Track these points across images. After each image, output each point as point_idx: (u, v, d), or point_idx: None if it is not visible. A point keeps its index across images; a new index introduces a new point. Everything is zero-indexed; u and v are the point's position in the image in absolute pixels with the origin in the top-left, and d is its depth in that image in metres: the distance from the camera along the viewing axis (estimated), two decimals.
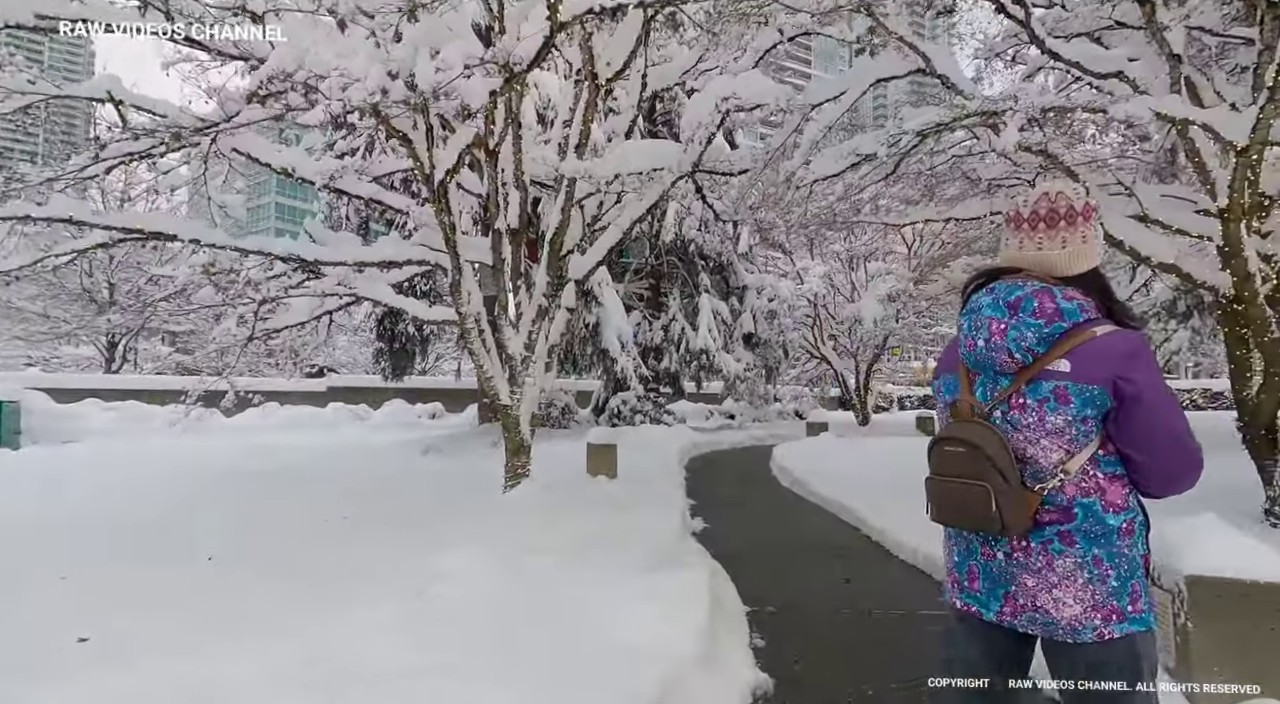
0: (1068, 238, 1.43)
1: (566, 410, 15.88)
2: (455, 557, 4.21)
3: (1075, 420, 1.32)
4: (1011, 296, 1.39)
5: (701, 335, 15.91)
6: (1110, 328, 1.35)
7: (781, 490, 8.57)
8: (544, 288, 6.51)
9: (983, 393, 1.45)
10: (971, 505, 1.39)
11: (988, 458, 1.34)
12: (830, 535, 5.97)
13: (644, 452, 11.05)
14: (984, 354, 1.41)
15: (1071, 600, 1.33)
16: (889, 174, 7.12)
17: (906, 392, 40.00)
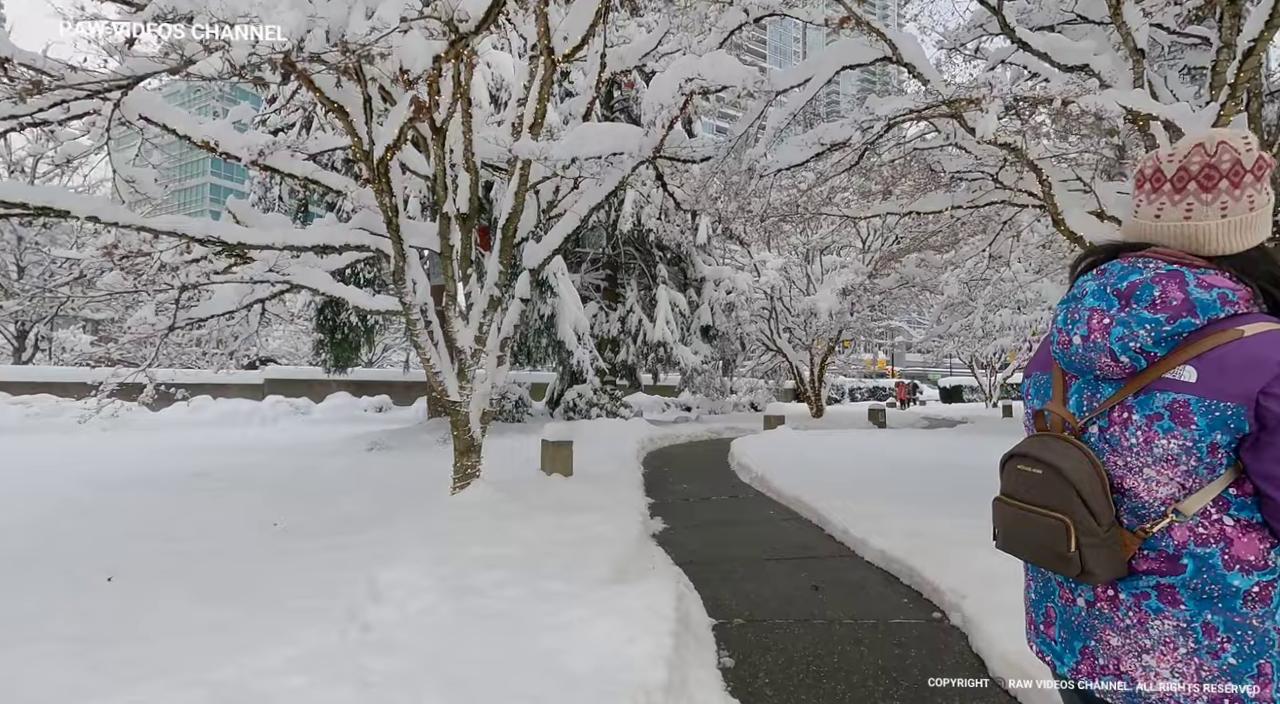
0: (1229, 203, 1.08)
1: (520, 403, 15.43)
2: (396, 572, 3.84)
3: (1196, 446, 1.03)
4: (1125, 282, 1.10)
5: (659, 327, 15.69)
6: (1267, 326, 1.01)
7: (742, 487, 8.42)
8: (496, 277, 6.12)
9: (1078, 402, 1.18)
10: (1046, 541, 1.13)
11: (1071, 484, 1.08)
12: (795, 536, 5.81)
13: (600, 447, 10.77)
14: (1079, 354, 1.14)
15: (1168, 673, 1.05)
16: (853, 165, 6.98)
17: (857, 383, 40.94)
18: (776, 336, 20.19)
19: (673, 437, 14.53)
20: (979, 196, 6.82)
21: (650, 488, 8.24)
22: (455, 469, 6.24)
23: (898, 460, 9.46)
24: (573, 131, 6.38)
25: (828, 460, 9.44)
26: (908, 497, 6.53)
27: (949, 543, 4.64)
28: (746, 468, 9.22)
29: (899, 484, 7.42)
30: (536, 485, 7.09)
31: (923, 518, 5.49)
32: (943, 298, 14.59)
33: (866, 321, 18.76)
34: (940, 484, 7.41)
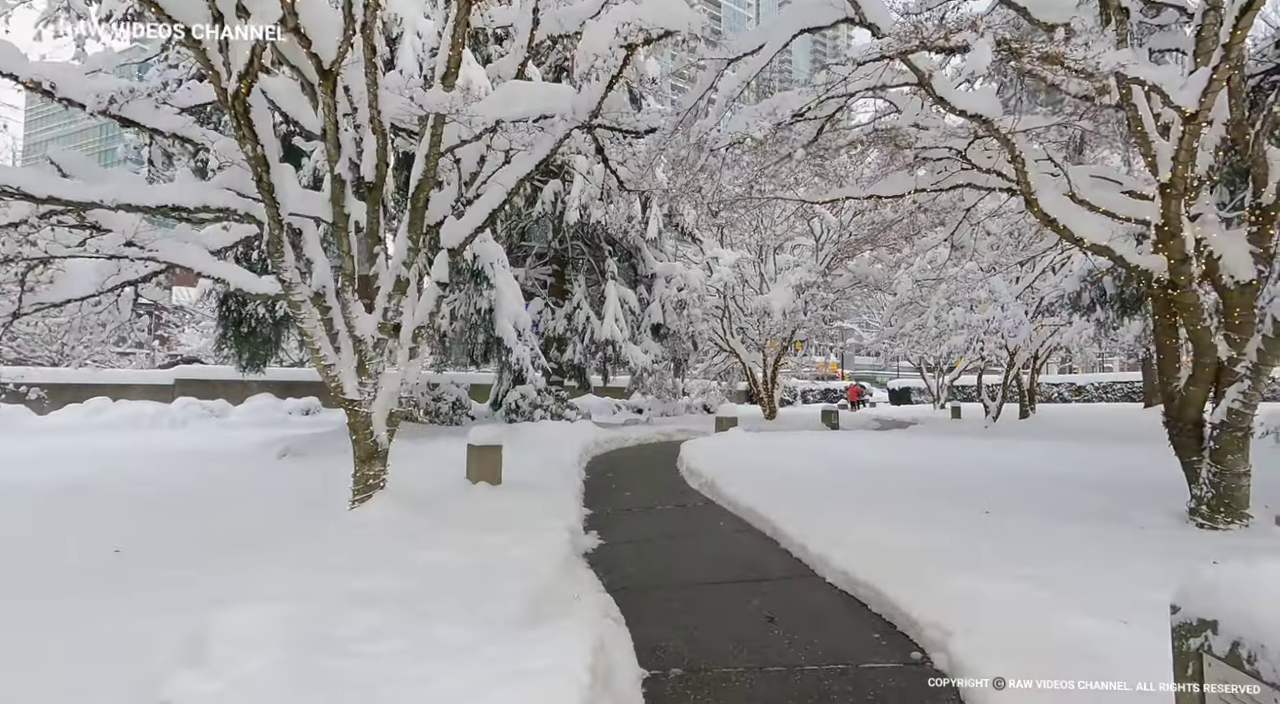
0: None
1: (458, 405, 14.40)
2: (236, 616, 2.95)
3: None
4: None
5: (608, 325, 14.93)
6: None
7: (691, 495, 7.73)
8: (404, 255, 5.24)
9: None
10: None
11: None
12: (747, 552, 5.13)
13: (540, 451, 9.92)
14: None
15: None
16: (812, 140, 6.38)
17: (809, 385, 41.11)
18: (729, 336, 19.69)
19: (621, 440, 13.77)
20: (944, 179, 6.34)
21: (590, 497, 7.45)
22: (355, 480, 5.33)
23: (853, 464, 8.96)
24: (498, 90, 5.56)
25: (781, 464, 8.85)
26: (867, 504, 5.96)
27: (918, 559, 4.04)
28: (696, 473, 8.54)
29: (856, 490, 6.86)
30: (457, 497, 6.22)
31: (885, 529, 4.89)
32: (895, 298, 14.34)
33: (820, 322, 18.49)
34: (899, 489, 6.89)
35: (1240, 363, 4.86)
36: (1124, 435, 12.60)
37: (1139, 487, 6.69)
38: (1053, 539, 4.63)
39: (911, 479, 7.54)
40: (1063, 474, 7.74)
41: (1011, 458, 9.51)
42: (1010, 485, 7.05)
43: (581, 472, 9.31)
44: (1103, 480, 7.19)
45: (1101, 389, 31.29)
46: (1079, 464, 8.69)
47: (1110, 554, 4.23)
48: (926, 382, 29.96)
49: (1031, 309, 11.70)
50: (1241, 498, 4.89)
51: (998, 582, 3.54)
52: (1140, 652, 2.41)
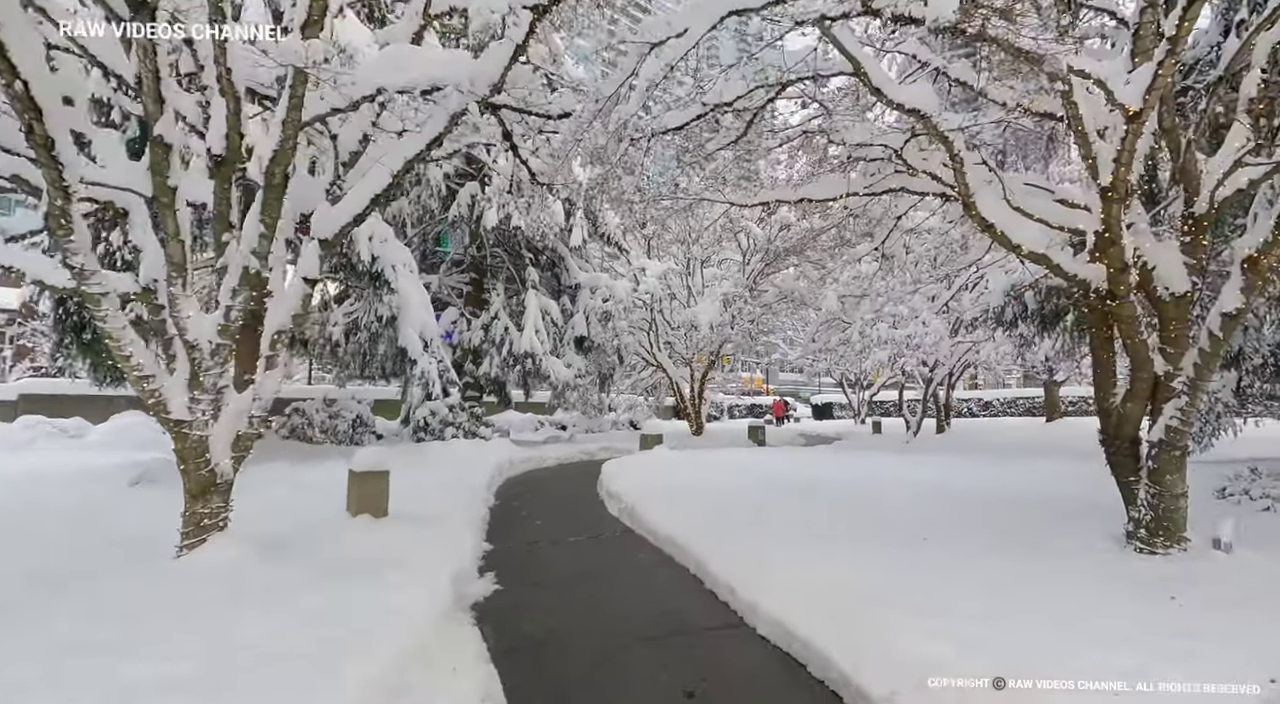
0: None
1: (360, 423, 13.08)
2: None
3: None
4: None
5: (527, 336, 14.04)
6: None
7: (609, 523, 7.00)
8: (254, 242, 4.29)
9: None
10: None
11: None
12: (667, 595, 4.45)
13: (446, 475, 8.93)
14: None
15: None
16: (740, 135, 5.89)
17: (736, 401, 41.31)
18: (656, 350, 19.18)
19: (539, 459, 12.87)
20: (876, 182, 6.00)
21: (495, 529, 6.58)
22: (185, 520, 4.27)
23: (780, 482, 8.49)
24: (382, 53, 4.73)
25: (707, 485, 8.27)
26: (796, 531, 5.41)
27: (859, 604, 3.47)
28: (615, 497, 7.82)
29: (784, 513, 6.33)
30: (327, 534, 5.22)
31: (819, 560, 4.34)
32: (820, 312, 14.28)
33: (747, 336, 18.32)
34: (827, 512, 6.41)
35: (1177, 378, 4.65)
36: (1036, 450, 12.88)
37: (1068, 505, 6.50)
38: (995, 573, 4.20)
39: (840, 500, 7.11)
40: (989, 492, 7.53)
41: (936, 474, 9.34)
42: (939, 505, 6.73)
43: (490, 498, 8.39)
44: (1030, 498, 7.00)
45: (1006, 404, 32.91)
46: (1002, 481, 8.58)
47: (1060, 591, 3.81)
48: (848, 397, 30.57)
49: (952, 326, 11.82)
50: (1180, 520, 4.65)
51: (943, 643, 2.97)
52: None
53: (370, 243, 9.22)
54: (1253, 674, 2.62)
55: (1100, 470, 8.81)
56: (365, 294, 10.47)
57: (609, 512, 7.54)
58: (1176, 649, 2.89)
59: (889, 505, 6.73)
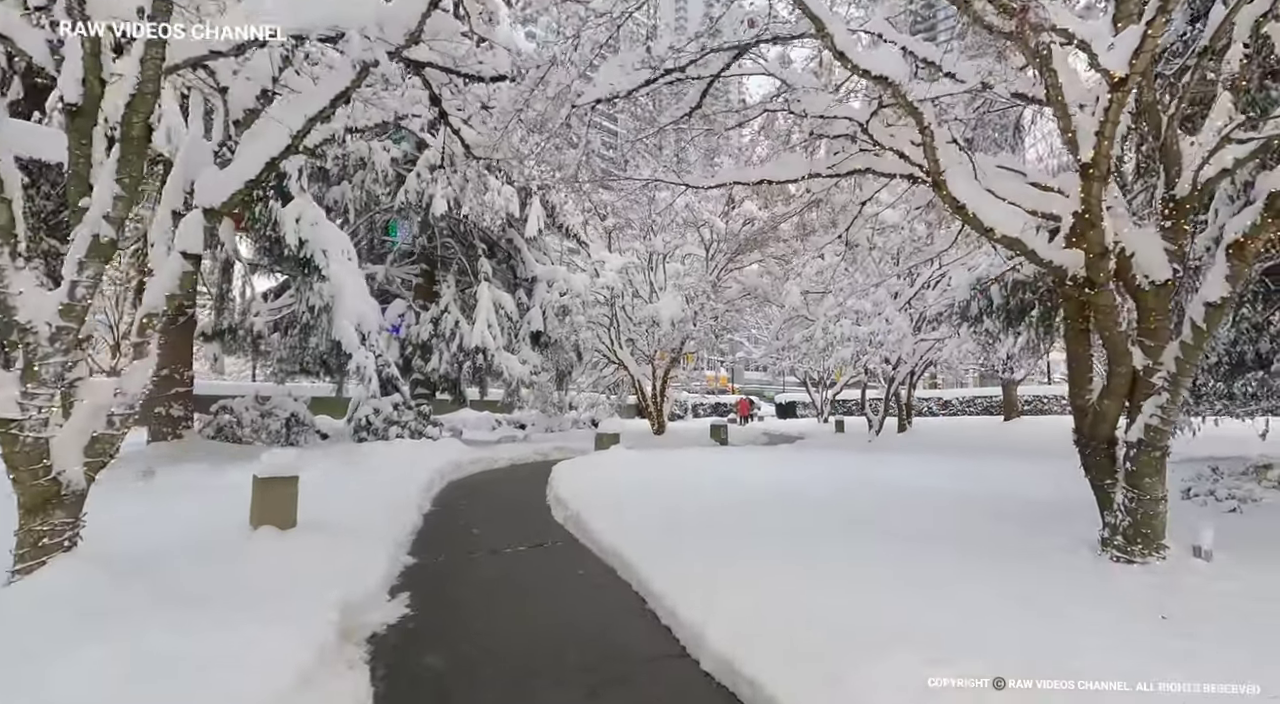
0: None
1: (295, 422, 12.20)
2: None
3: None
4: None
5: (478, 330, 13.34)
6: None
7: (553, 531, 6.43)
8: (109, 205, 3.59)
9: None
10: None
11: None
12: (605, 618, 3.91)
13: (382, 478, 8.23)
14: None
15: None
16: (695, 106, 5.37)
17: (701, 399, 41.05)
18: (618, 347, 18.63)
19: (489, 461, 12.20)
20: (840, 162, 5.58)
21: (424, 540, 5.94)
22: (19, 539, 3.54)
23: (740, 486, 8.04)
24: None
25: (662, 488, 7.76)
26: (754, 542, 4.94)
27: (817, 636, 2.99)
28: (563, 503, 7.24)
29: (742, 521, 5.86)
30: (216, 551, 4.52)
31: (777, 579, 3.87)
32: (784, 309, 13.93)
33: (710, 333, 17.90)
34: (787, 519, 5.97)
35: (1157, 373, 4.31)
36: (998, 449, 12.77)
37: (1038, 508, 6.19)
38: (971, 593, 3.78)
39: (802, 505, 6.68)
40: (956, 494, 7.21)
41: (901, 475, 9.02)
42: (906, 510, 6.34)
43: (427, 504, 7.73)
44: (998, 501, 6.68)
45: (965, 403, 33.34)
46: (967, 481, 8.30)
47: (1044, 611, 3.40)
48: (811, 396, 30.54)
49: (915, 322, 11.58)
50: (1159, 527, 4.32)
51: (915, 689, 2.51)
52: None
53: (298, 225, 8.44)
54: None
55: (1065, 471, 8.55)
56: (295, 281, 9.66)
57: (555, 519, 6.97)
58: (1178, 677, 2.50)
59: (853, 509, 6.32)
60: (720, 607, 3.42)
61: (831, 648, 2.79)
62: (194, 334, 10.92)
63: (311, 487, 7.03)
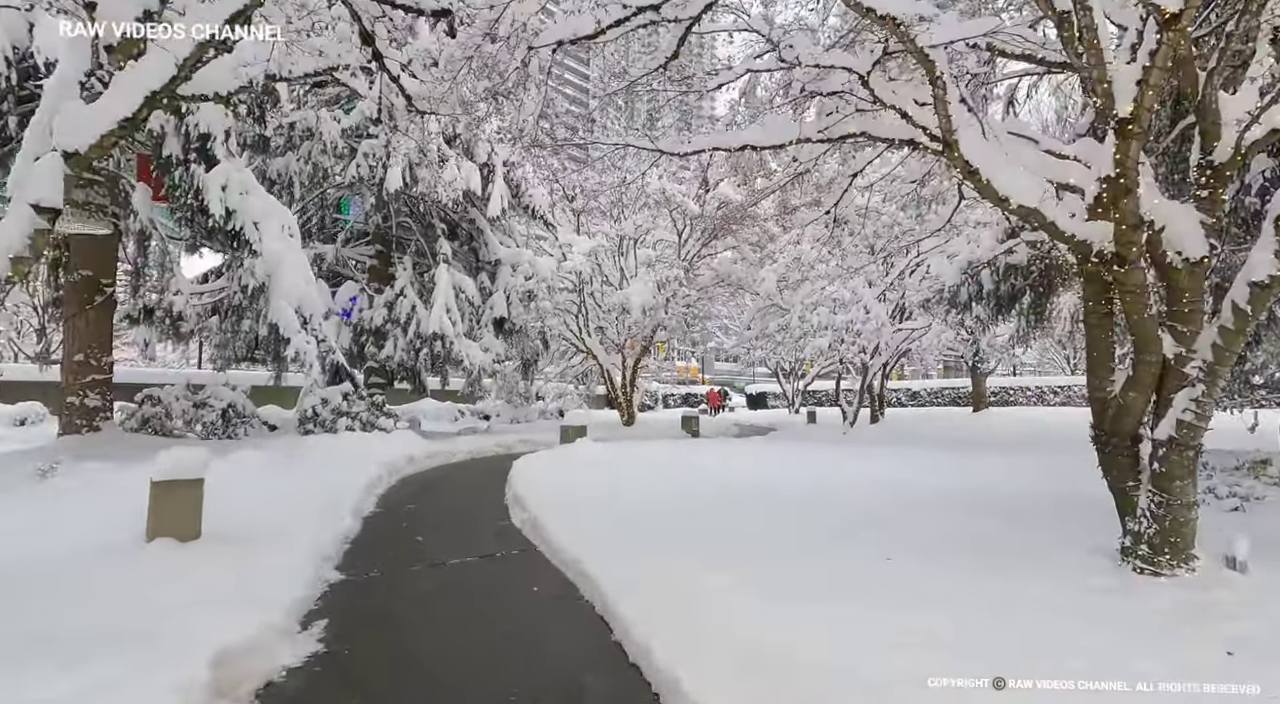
0: None
1: (232, 413, 11.21)
2: None
3: None
4: None
5: (436, 315, 12.48)
6: None
7: (509, 537, 5.74)
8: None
9: None
10: None
11: None
12: (560, 648, 3.27)
13: (323, 476, 7.43)
14: None
15: None
16: (670, 58, 4.69)
17: (671, 390, 40.58)
18: (586, 335, 17.90)
19: (447, 455, 11.41)
20: (833, 126, 4.98)
21: (359, 551, 5.20)
22: None
23: (714, 483, 7.46)
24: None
25: (630, 486, 7.14)
26: (735, 551, 4.36)
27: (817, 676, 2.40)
28: (522, 502, 6.56)
29: (718, 524, 5.28)
30: (95, 570, 3.73)
31: (765, 602, 3.27)
32: (759, 297, 13.40)
33: (682, 321, 17.29)
34: (768, 521, 5.40)
35: (1190, 362, 3.82)
36: (976, 441, 12.48)
37: (1036, 507, 5.75)
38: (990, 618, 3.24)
39: (784, 505, 6.13)
40: (944, 491, 6.75)
41: (882, 470, 8.58)
42: (895, 510, 5.84)
43: (370, 504, 6.96)
44: (989, 499, 6.23)
45: (932, 394, 33.52)
46: (952, 476, 7.88)
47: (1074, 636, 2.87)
48: (783, 387, 30.29)
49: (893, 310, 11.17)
50: (1189, 535, 3.85)
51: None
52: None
53: (224, 193, 7.51)
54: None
55: (1047, 465, 8.21)
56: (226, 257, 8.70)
57: (512, 522, 6.28)
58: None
59: (842, 511, 5.79)
60: (699, 643, 2.81)
61: (829, 682, 2.20)
62: (114, 317, 9.84)
63: (237, 487, 6.22)
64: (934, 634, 2.86)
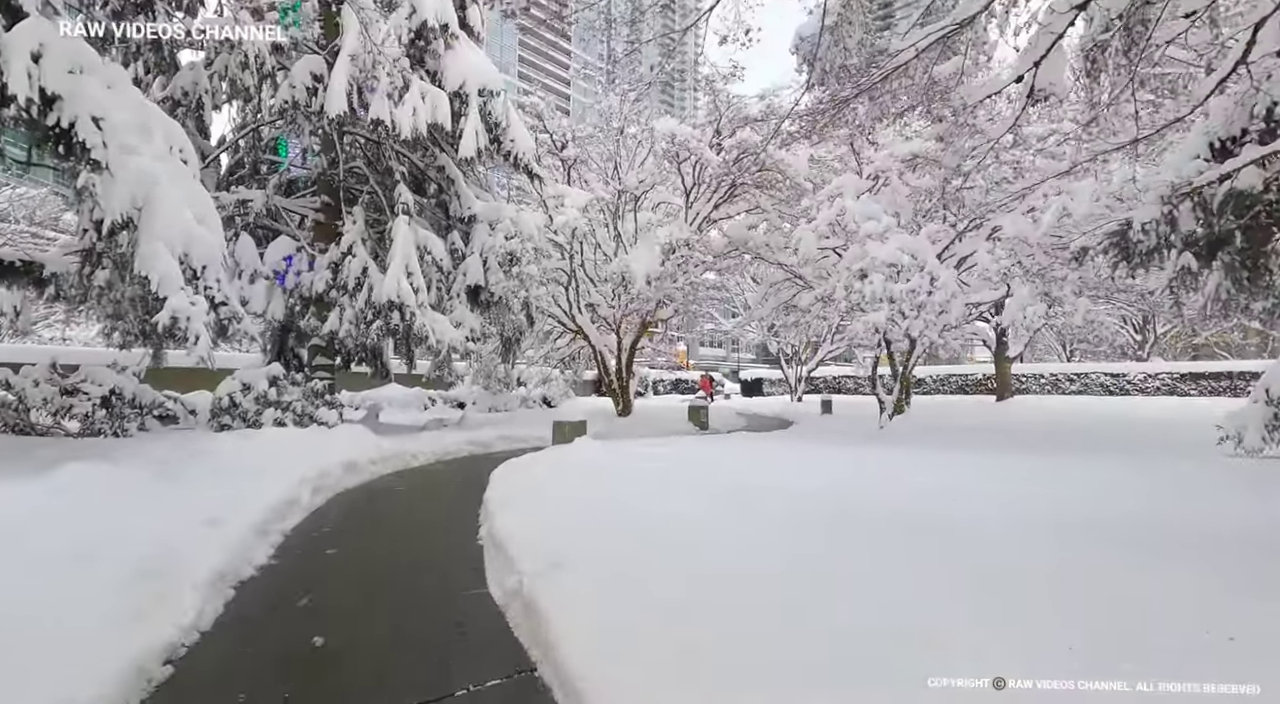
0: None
1: (118, 401, 8.51)
2: None
3: None
4: None
5: (392, 279, 9.82)
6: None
7: (484, 636, 3.26)
8: None
9: None
10: None
11: None
12: None
13: (188, 503, 4.87)
14: None
15: None
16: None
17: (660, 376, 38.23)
18: (576, 312, 15.34)
19: (405, 457, 8.85)
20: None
21: (186, 680, 2.67)
22: None
23: (773, 499, 5.01)
24: None
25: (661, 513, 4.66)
26: (883, 661, 1.99)
27: None
28: (506, 552, 4.05)
29: (833, 578, 2.87)
30: None
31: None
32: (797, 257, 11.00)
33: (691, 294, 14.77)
34: (897, 575, 3.01)
35: None
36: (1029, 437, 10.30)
37: (1211, 538, 3.42)
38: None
39: (891, 543, 3.71)
40: (1073, 511, 4.43)
41: (958, 478, 6.36)
42: (1043, 540, 3.54)
43: (260, 554, 4.41)
44: (1143, 520, 3.89)
45: (938, 381, 31.67)
46: (1052, 486, 5.66)
47: None
48: (785, 372, 28.14)
49: (962, 272, 8.87)
50: None
51: None
52: None
53: (38, 65, 4.82)
54: None
55: (1162, 475, 6.03)
56: (66, 181, 5.97)
57: (490, 592, 3.78)
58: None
59: (984, 554, 3.43)
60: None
61: None
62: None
63: (38, 529, 3.69)
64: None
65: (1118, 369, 27.64)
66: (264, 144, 12.09)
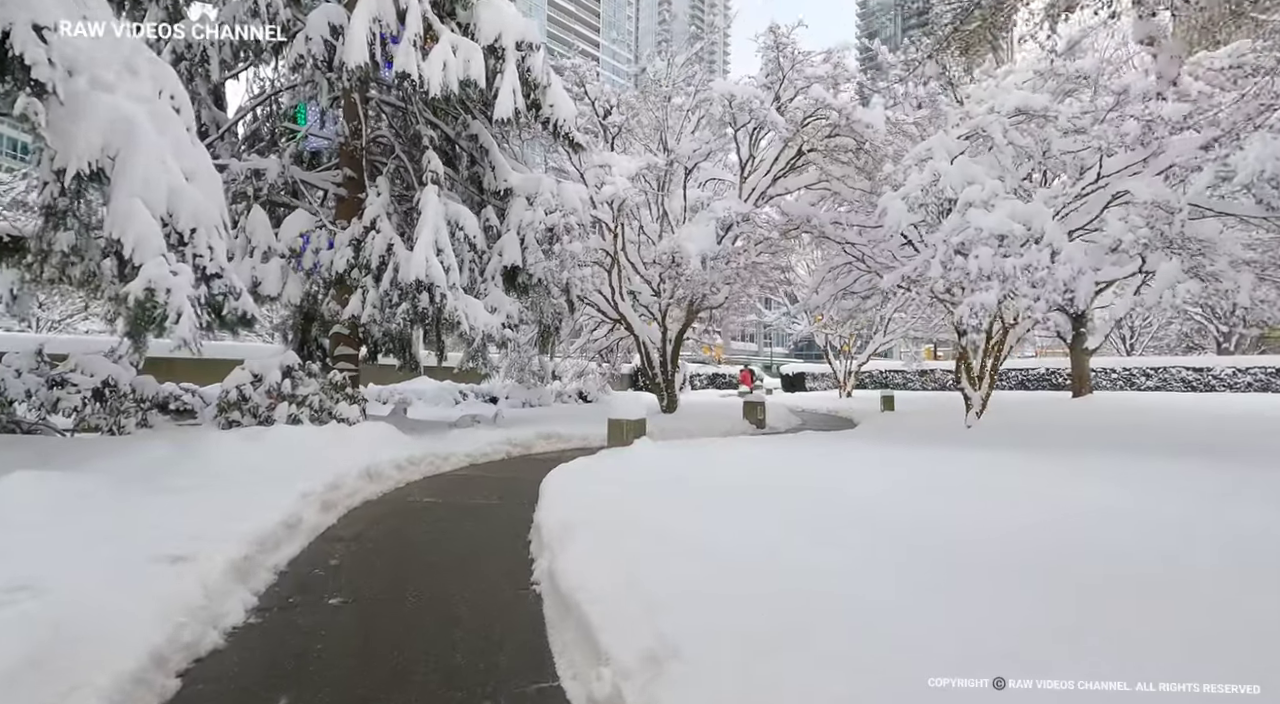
0: None
1: (113, 395, 7.47)
2: None
3: None
4: None
5: (420, 256, 8.61)
6: None
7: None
8: None
9: None
10: None
11: None
12: None
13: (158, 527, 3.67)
14: None
15: None
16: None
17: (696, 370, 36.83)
18: (618, 298, 14.02)
19: (433, 459, 7.63)
20: None
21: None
22: None
23: (931, 538, 3.62)
24: None
25: (768, 546, 3.30)
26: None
27: None
28: (575, 610, 2.75)
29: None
30: None
31: None
32: (884, 228, 9.50)
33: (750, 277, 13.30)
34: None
35: None
36: (1131, 438, 8.64)
37: None
38: None
39: (1094, 584, 2.31)
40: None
41: (1105, 494, 4.76)
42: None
43: (233, 613, 3.18)
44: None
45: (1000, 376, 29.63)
46: (1208, 501, 4.12)
47: None
48: (832, 366, 26.51)
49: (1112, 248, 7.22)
50: None
51: None
52: None
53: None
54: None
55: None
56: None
57: (562, 686, 2.48)
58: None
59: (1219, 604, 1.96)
60: None
61: None
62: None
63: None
64: None
65: (1201, 363, 25.38)
66: (283, 112, 11.03)
